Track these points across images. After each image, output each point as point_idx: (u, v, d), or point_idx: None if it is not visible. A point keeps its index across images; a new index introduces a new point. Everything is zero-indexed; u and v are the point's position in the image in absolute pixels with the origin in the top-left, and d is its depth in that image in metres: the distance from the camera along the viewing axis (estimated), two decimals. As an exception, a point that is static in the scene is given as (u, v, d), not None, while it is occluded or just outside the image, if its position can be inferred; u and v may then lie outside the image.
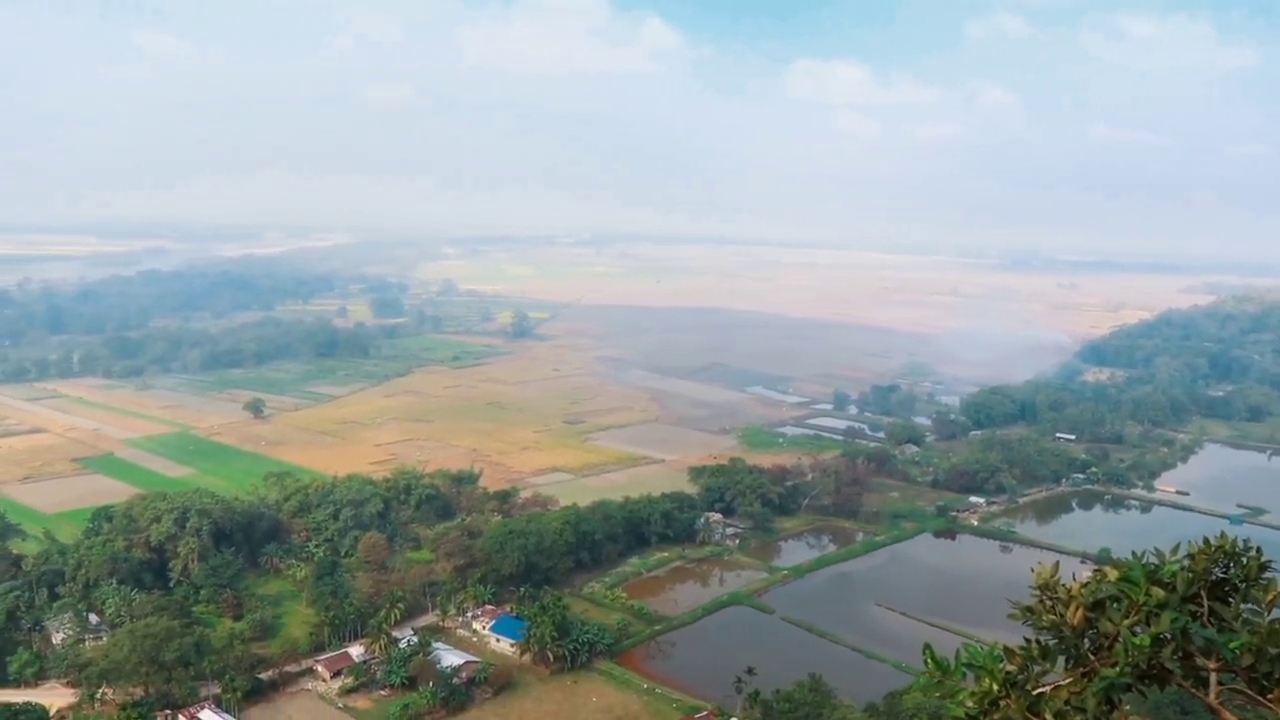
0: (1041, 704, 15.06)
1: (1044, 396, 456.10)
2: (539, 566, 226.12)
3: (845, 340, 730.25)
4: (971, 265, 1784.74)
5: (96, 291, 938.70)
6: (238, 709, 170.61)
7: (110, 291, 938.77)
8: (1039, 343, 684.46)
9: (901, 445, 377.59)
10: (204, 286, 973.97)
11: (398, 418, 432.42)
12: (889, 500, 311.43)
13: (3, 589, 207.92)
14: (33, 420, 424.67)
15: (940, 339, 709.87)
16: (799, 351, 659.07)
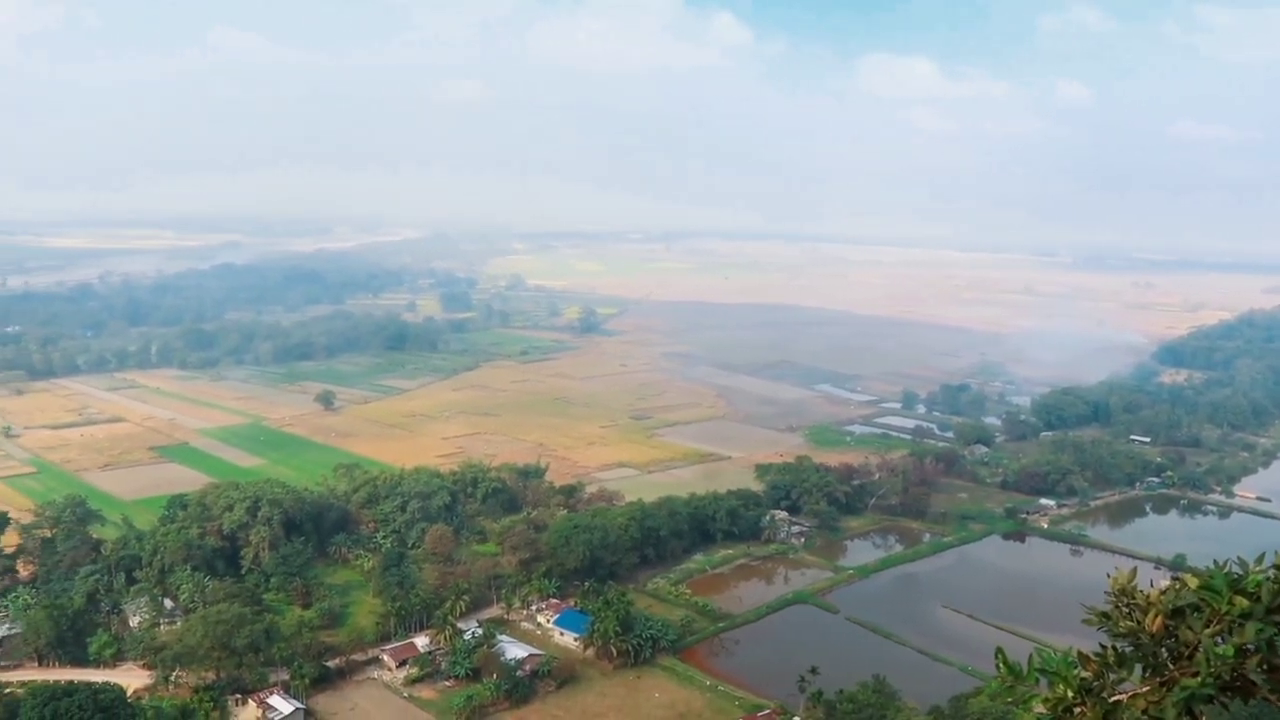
0: (1118, 712, 14.57)
1: (1118, 398, 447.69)
2: (604, 561, 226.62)
3: (914, 338, 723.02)
4: (1044, 263, 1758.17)
5: (174, 284, 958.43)
6: (305, 695, 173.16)
7: (187, 285, 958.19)
8: (1113, 343, 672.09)
9: (971, 445, 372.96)
10: (277, 280, 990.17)
11: (465, 411, 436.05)
12: (957, 501, 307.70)
13: (83, 573, 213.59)
14: (113, 409, 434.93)
15: (1011, 338, 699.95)
16: (867, 349, 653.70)
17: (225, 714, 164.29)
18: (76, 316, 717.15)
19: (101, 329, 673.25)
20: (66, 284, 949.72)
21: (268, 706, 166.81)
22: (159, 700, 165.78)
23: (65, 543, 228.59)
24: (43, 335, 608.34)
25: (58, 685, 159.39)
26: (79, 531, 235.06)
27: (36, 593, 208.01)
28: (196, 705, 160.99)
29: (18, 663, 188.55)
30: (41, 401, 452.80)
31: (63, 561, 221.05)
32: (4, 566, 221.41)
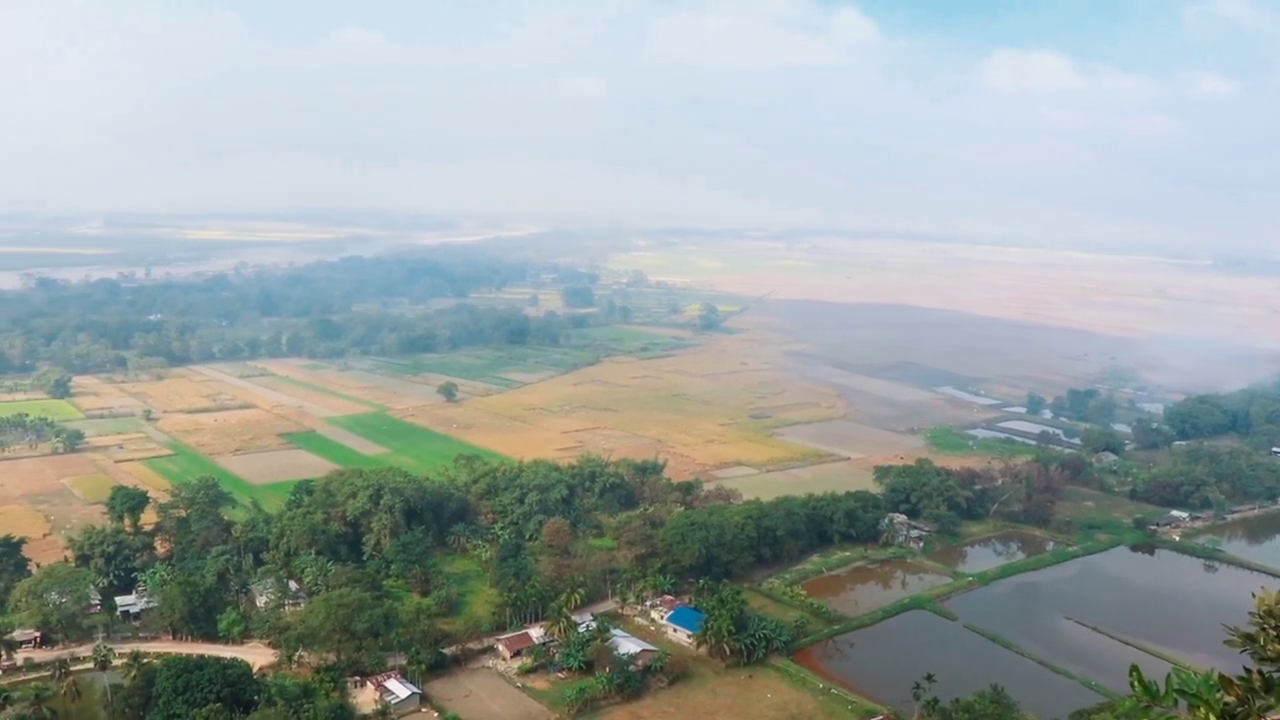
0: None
1: (1260, 407, 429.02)
2: (719, 559, 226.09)
3: (1041, 342, 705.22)
4: (1180, 266, 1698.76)
5: (304, 276, 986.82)
6: (421, 680, 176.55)
7: (316, 276, 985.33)
8: (1254, 350, 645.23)
9: (1098, 453, 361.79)
10: (403, 273, 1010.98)
11: (585, 406, 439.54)
12: (1083, 510, 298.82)
13: (215, 552, 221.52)
14: (245, 396, 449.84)
15: (1143, 343, 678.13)
16: (992, 352, 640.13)
17: (345, 695, 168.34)
18: (212, 306, 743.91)
19: (235, 318, 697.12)
20: (204, 275, 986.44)
21: (385, 689, 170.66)
22: (282, 678, 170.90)
23: (199, 523, 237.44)
24: (181, 324, 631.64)
25: (190, 658, 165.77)
26: (211, 513, 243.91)
27: (172, 570, 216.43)
28: (318, 685, 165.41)
29: (154, 635, 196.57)
30: (179, 387, 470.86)
31: (196, 541, 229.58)
32: (143, 543, 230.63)
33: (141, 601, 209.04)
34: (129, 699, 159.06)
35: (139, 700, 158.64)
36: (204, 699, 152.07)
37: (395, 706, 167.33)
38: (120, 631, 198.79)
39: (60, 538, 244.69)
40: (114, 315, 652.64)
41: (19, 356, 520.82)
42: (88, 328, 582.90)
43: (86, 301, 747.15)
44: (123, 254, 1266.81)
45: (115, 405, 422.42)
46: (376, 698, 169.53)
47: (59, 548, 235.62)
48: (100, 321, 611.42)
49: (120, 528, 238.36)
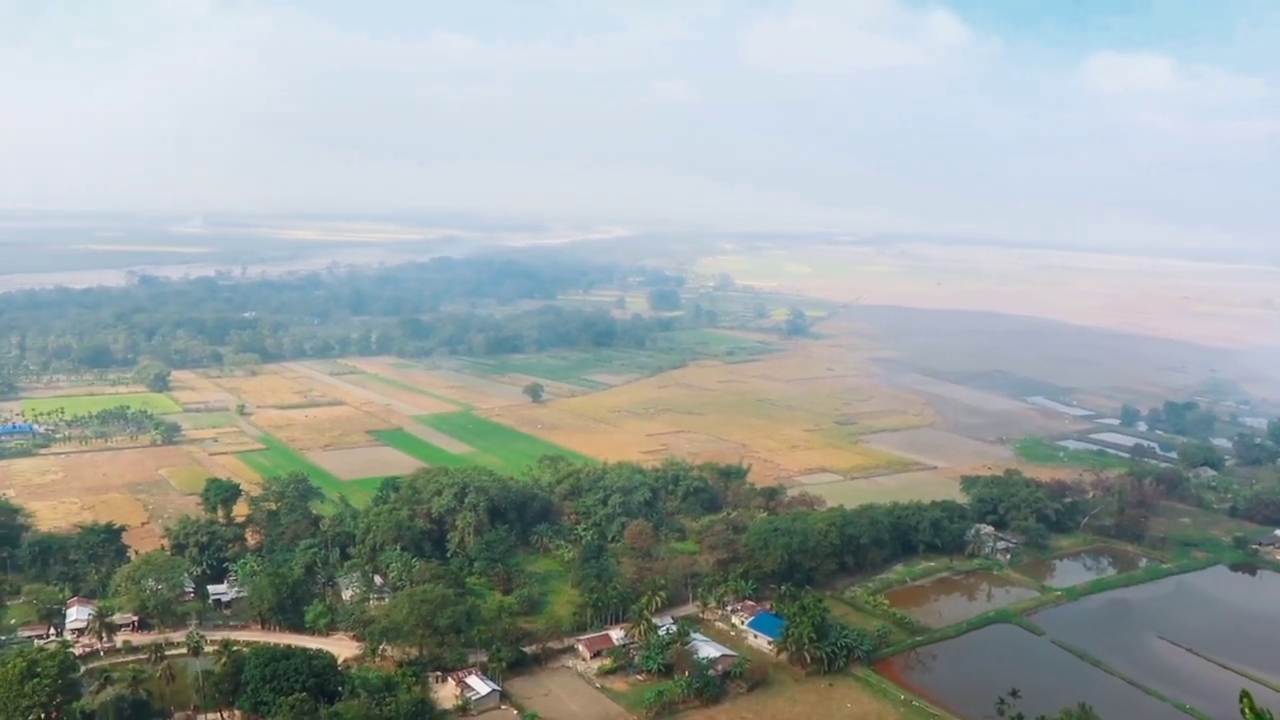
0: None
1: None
2: (801, 566, 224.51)
3: (1137, 352, 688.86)
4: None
5: (395, 276, 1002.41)
6: (502, 678, 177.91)
7: (407, 276, 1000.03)
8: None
9: (1196, 468, 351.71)
10: (491, 274, 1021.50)
11: (669, 409, 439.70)
12: (1179, 526, 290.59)
13: (303, 545, 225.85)
14: (335, 393, 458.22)
15: (1246, 355, 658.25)
16: (1085, 361, 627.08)
17: (426, 689, 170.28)
18: (305, 304, 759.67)
19: (327, 317, 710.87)
20: (298, 274, 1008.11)
21: (466, 686, 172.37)
22: (366, 671, 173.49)
23: (288, 516, 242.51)
24: (275, 321, 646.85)
25: (277, 648, 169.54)
26: (300, 507, 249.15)
27: (261, 561, 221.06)
28: (400, 679, 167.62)
29: (244, 624, 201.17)
30: (272, 383, 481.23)
31: (285, 534, 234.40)
32: (235, 535, 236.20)
33: (232, 591, 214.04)
34: (219, 685, 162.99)
35: (228, 686, 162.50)
36: (290, 688, 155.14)
37: (475, 703, 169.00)
38: (212, 619, 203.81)
39: (157, 526, 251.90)
40: (211, 312, 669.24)
41: (122, 351, 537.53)
42: (186, 324, 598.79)
43: (186, 298, 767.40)
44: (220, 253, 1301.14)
45: (211, 400, 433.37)
46: (457, 693, 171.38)
47: (156, 536, 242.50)
48: (198, 318, 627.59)
49: (214, 519, 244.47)
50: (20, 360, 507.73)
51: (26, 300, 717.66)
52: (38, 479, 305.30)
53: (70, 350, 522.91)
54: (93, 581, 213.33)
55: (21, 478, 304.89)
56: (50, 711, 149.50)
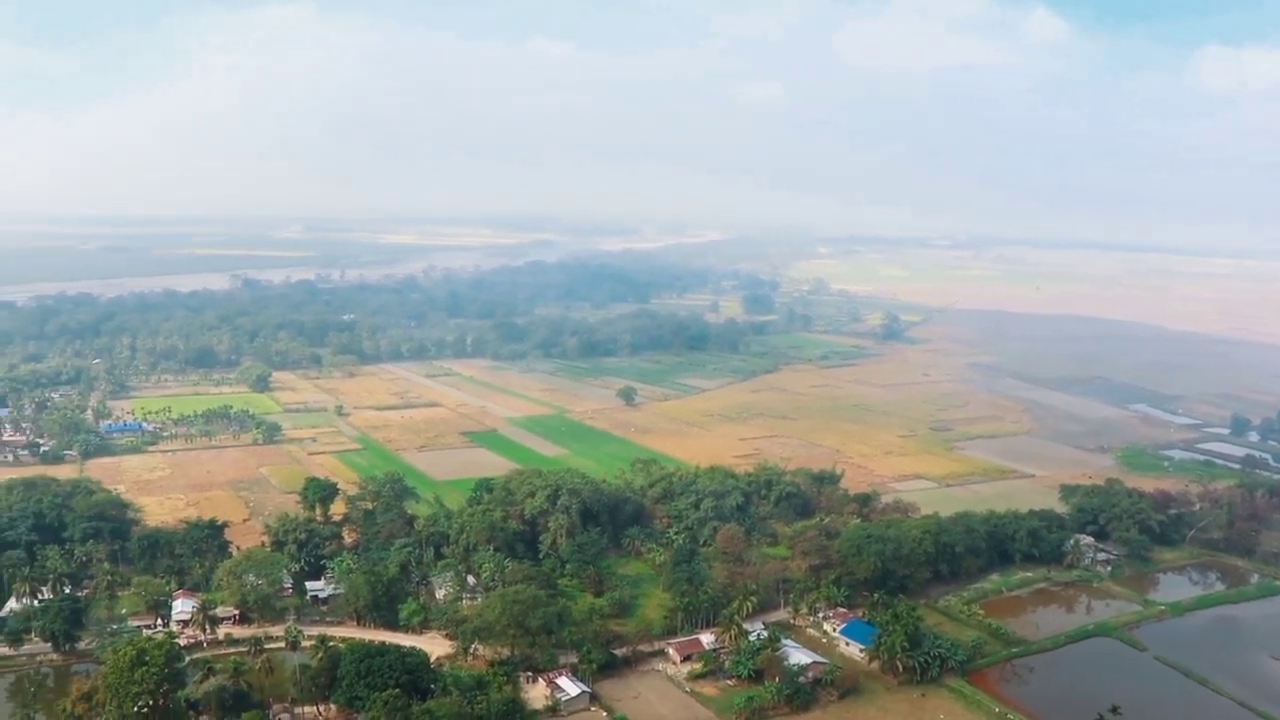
0: None
1: None
2: (895, 574, 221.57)
3: (1247, 359, 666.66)
4: None
5: (489, 279, 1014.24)
6: (592, 679, 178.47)
7: (501, 280, 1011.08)
8: None
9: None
10: (585, 278, 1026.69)
11: (763, 413, 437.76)
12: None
13: (398, 544, 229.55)
14: (430, 395, 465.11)
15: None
16: (1190, 368, 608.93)
17: (517, 689, 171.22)
18: (402, 307, 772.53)
19: (423, 319, 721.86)
20: (394, 277, 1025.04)
21: (556, 686, 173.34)
22: (458, 669, 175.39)
23: (384, 515, 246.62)
24: (372, 324, 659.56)
25: (372, 645, 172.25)
26: (396, 506, 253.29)
27: (357, 559, 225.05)
28: (491, 678, 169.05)
29: (340, 620, 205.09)
30: (369, 384, 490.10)
31: (381, 533, 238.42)
32: (332, 533, 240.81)
33: (329, 588, 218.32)
34: (315, 679, 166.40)
35: (324, 681, 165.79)
36: (384, 684, 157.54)
37: (565, 704, 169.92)
38: (309, 615, 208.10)
39: (258, 523, 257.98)
40: (311, 315, 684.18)
41: (226, 352, 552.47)
42: (287, 326, 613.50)
43: (286, 301, 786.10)
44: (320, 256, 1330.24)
45: (310, 400, 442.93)
46: (547, 694, 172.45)
47: (257, 533, 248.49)
48: (298, 320, 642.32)
49: (312, 517, 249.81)
50: (131, 360, 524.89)
51: (136, 303, 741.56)
52: (146, 475, 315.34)
53: (177, 351, 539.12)
54: (197, 575, 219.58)
55: (131, 474, 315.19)
56: (157, 698, 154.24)
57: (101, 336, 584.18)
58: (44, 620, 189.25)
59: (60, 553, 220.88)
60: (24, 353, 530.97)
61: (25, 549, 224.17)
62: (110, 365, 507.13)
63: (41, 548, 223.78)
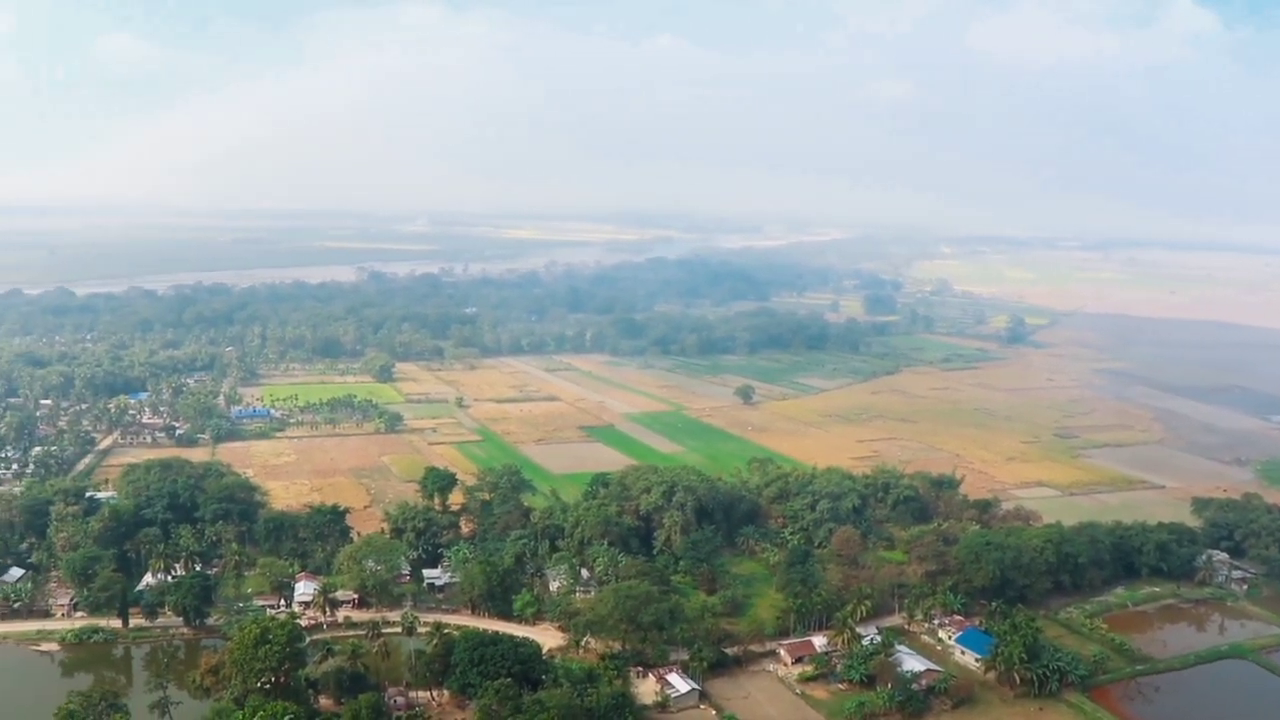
0: None
1: None
2: (1014, 583, 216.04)
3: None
4: None
5: (610, 275, 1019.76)
6: (702, 677, 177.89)
7: (621, 276, 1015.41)
8: None
9: None
10: (705, 275, 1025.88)
11: (882, 415, 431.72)
12: None
13: (514, 536, 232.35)
14: (549, 389, 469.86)
15: None
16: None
17: (627, 683, 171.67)
18: (523, 301, 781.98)
19: (543, 314, 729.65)
20: (516, 272, 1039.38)
21: (666, 682, 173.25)
22: (569, 661, 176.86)
23: (500, 507, 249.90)
24: (494, 317, 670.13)
25: (486, 633, 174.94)
26: (513, 498, 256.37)
27: (474, 549, 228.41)
28: (602, 671, 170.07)
29: (455, 608, 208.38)
30: (490, 377, 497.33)
31: (497, 524, 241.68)
32: (450, 522, 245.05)
33: (445, 576, 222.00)
34: (430, 664, 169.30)
35: (439, 667, 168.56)
36: (496, 672, 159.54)
37: (675, 700, 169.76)
38: (425, 602, 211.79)
39: (378, 510, 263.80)
40: (434, 307, 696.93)
41: (351, 343, 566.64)
42: (410, 318, 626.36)
43: (410, 294, 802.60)
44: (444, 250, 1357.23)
45: (431, 391, 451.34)
46: (657, 689, 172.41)
47: (377, 519, 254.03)
48: (421, 313, 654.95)
49: (430, 506, 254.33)
50: (261, 349, 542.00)
51: (268, 293, 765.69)
52: (274, 460, 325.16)
53: (305, 341, 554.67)
54: (319, 559, 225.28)
55: (260, 458, 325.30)
56: (279, 676, 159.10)
57: (234, 325, 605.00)
58: (176, 595, 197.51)
59: (192, 532, 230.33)
60: (163, 339, 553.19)
61: (161, 527, 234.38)
62: (242, 353, 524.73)
63: (175, 526, 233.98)
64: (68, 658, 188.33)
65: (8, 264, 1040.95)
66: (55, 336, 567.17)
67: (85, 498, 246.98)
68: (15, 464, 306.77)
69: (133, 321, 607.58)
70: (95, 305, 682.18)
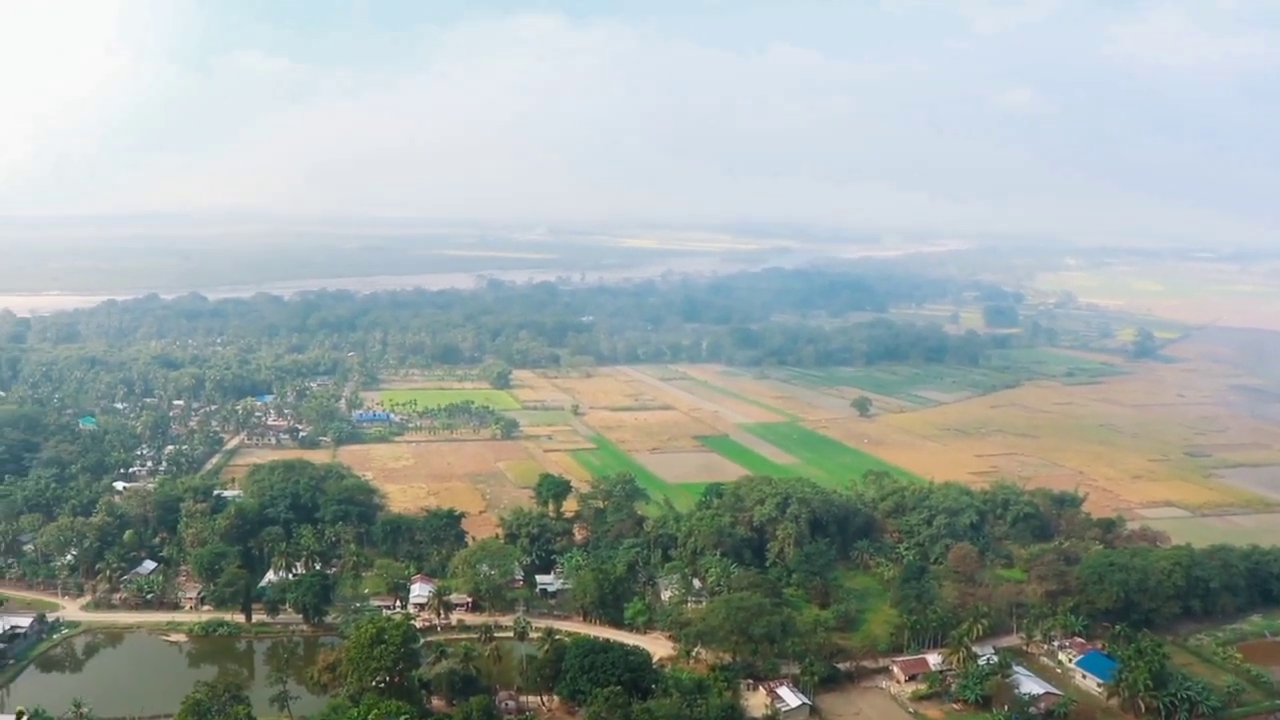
0: None
1: None
2: (1139, 606, 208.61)
3: None
4: None
5: (726, 285, 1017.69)
6: (813, 692, 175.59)
7: (738, 286, 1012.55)
8: None
9: None
10: (822, 286, 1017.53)
11: (1001, 430, 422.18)
12: None
13: (626, 544, 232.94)
14: (664, 398, 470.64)
15: None
16: None
17: (737, 695, 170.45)
18: (639, 310, 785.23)
19: (659, 323, 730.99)
20: (633, 281, 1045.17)
21: (776, 696, 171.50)
22: (679, 671, 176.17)
23: (614, 515, 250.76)
24: (610, 326, 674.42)
25: (596, 641, 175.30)
26: (626, 506, 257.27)
27: (586, 556, 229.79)
28: (712, 682, 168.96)
29: (567, 615, 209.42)
30: (605, 385, 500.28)
31: (610, 532, 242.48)
32: (563, 529, 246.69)
33: (558, 582, 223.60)
34: (541, 670, 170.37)
35: (549, 672, 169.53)
36: (606, 680, 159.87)
37: (785, 714, 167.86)
38: (537, 607, 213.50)
39: (493, 516, 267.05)
40: (551, 316, 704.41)
41: (469, 349, 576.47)
42: (528, 326, 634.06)
43: (528, 302, 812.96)
44: (561, 259, 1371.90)
45: (547, 399, 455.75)
46: (767, 703, 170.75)
47: (491, 524, 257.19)
48: (539, 321, 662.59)
49: (544, 512, 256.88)
50: (382, 354, 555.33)
51: (389, 300, 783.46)
52: (392, 463, 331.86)
53: (424, 347, 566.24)
54: (434, 562, 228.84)
55: (379, 461, 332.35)
56: (393, 676, 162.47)
57: (356, 331, 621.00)
58: (297, 593, 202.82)
59: (313, 532, 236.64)
60: (288, 344, 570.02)
61: (283, 526, 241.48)
62: (363, 358, 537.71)
63: (297, 526, 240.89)
64: (194, 649, 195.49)
65: (146, 269, 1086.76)
66: (188, 340, 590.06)
67: (213, 496, 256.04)
68: (150, 461, 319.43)
69: (260, 326, 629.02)
70: (225, 310, 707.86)
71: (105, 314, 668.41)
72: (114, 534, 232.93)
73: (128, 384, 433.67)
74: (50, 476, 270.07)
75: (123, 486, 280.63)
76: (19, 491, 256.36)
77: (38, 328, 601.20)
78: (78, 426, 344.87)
